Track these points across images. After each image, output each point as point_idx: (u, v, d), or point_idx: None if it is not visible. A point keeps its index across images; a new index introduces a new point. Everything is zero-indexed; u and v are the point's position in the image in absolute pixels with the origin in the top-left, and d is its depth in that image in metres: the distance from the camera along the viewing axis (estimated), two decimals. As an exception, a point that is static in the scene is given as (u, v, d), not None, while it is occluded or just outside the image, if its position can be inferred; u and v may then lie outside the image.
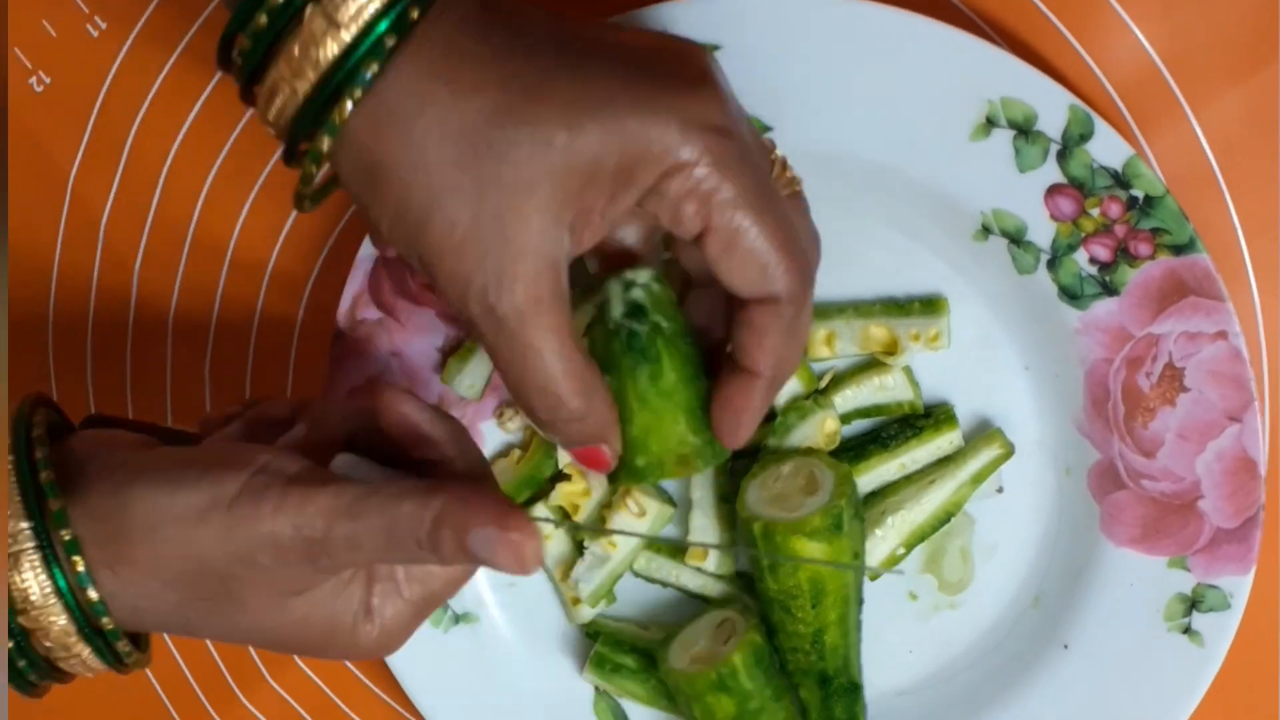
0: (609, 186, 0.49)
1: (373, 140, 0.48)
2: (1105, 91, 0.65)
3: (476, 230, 0.48)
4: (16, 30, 0.69)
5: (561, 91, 0.48)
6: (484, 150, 0.47)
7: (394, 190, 0.48)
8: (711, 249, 0.50)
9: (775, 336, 0.52)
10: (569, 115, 0.48)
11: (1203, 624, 0.63)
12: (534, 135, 0.47)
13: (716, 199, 0.49)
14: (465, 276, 0.48)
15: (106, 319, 0.71)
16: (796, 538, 0.61)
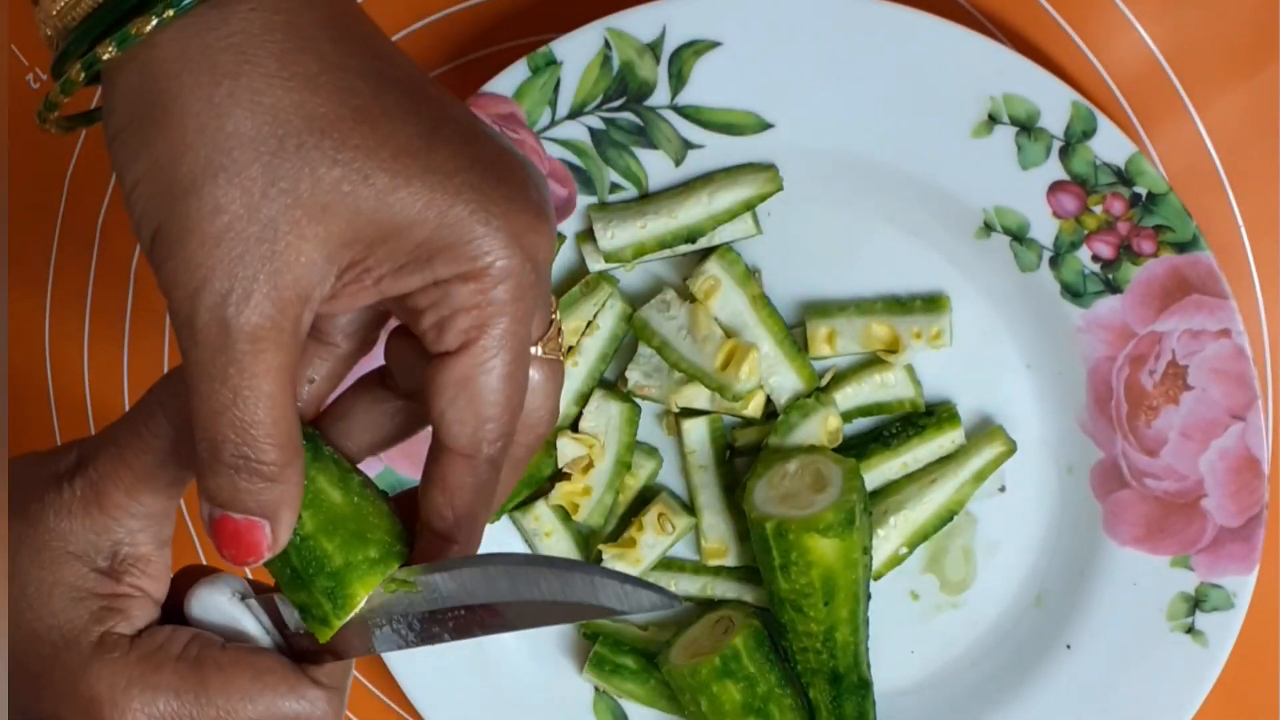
0: (403, 256, 0.43)
1: (169, 73, 0.41)
2: (1108, 88, 0.64)
3: (244, 227, 0.41)
4: (13, 28, 0.69)
5: (400, 138, 0.42)
6: (291, 149, 0.41)
7: (168, 140, 0.41)
8: (452, 373, 0.44)
9: (467, 499, 0.46)
10: (401, 162, 0.42)
11: (1206, 624, 0.63)
12: (353, 162, 0.42)
13: (489, 328, 0.44)
14: (207, 272, 0.41)
15: (104, 316, 0.71)
16: (810, 535, 0.61)
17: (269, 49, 0.42)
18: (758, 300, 0.64)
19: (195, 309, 0.42)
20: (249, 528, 0.44)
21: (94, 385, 0.71)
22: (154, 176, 0.42)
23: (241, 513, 0.44)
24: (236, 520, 0.44)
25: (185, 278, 0.42)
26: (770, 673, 0.63)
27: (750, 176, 0.64)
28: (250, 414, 0.42)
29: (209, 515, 0.44)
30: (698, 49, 0.62)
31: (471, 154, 0.44)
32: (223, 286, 0.41)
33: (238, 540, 0.44)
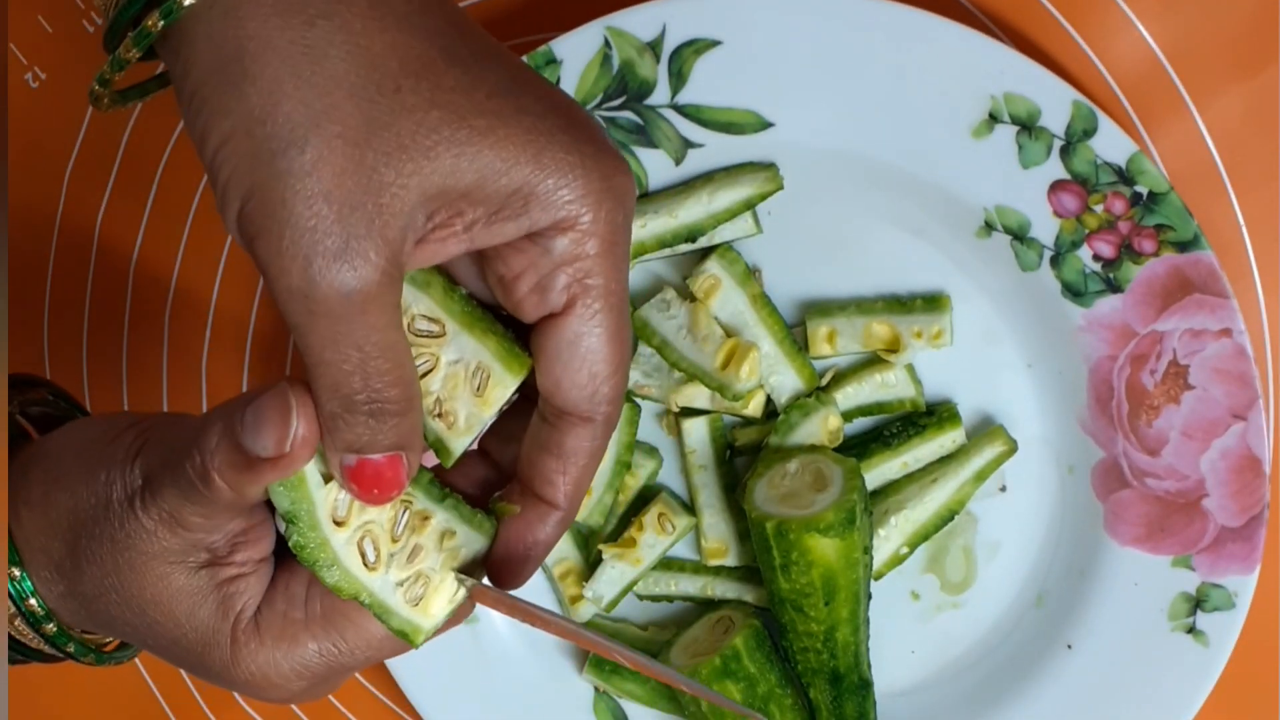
0: (497, 200, 0.42)
1: (256, 15, 0.39)
2: (1109, 87, 0.64)
3: (351, 180, 0.39)
4: (12, 26, 0.69)
5: (491, 80, 0.41)
6: (390, 92, 0.39)
7: (261, 89, 0.39)
8: (557, 336, 0.44)
9: (581, 464, 0.46)
10: (495, 104, 0.41)
11: (1207, 624, 0.63)
12: (450, 105, 0.40)
13: (591, 281, 0.43)
14: (318, 236, 0.39)
15: (103, 314, 0.70)
16: (810, 534, 0.61)
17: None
18: (758, 299, 0.64)
19: (310, 278, 0.40)
20: (390, 463, 0.43)
21: (93, 384, 0.71)
22: (246, 132, 0.39)
23: (379, 452, 0.43)
24: (376, 460, 0.43)
25: (291, 246, 0.39)
26: (770, 673, 0.63)
27: (750, 175, 0.63)
28: (378, 365, 0.41)
29: (344, 464, 0.43)
30: (698, 48, 0.62)
31: (550, 96, 0.43)
32: (335, 248, 0.39)
33: (379, 478, 0.44)
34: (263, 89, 0.39)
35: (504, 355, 0.45)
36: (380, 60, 0.39)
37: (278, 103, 0.39)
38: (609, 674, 0.66)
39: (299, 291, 0.40)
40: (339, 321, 0.40)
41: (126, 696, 0.72)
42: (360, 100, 0.39)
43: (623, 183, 0.43)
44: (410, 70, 0.40)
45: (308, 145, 0.39)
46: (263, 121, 0.39)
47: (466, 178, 0.41)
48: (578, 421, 0.45)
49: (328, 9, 0.39)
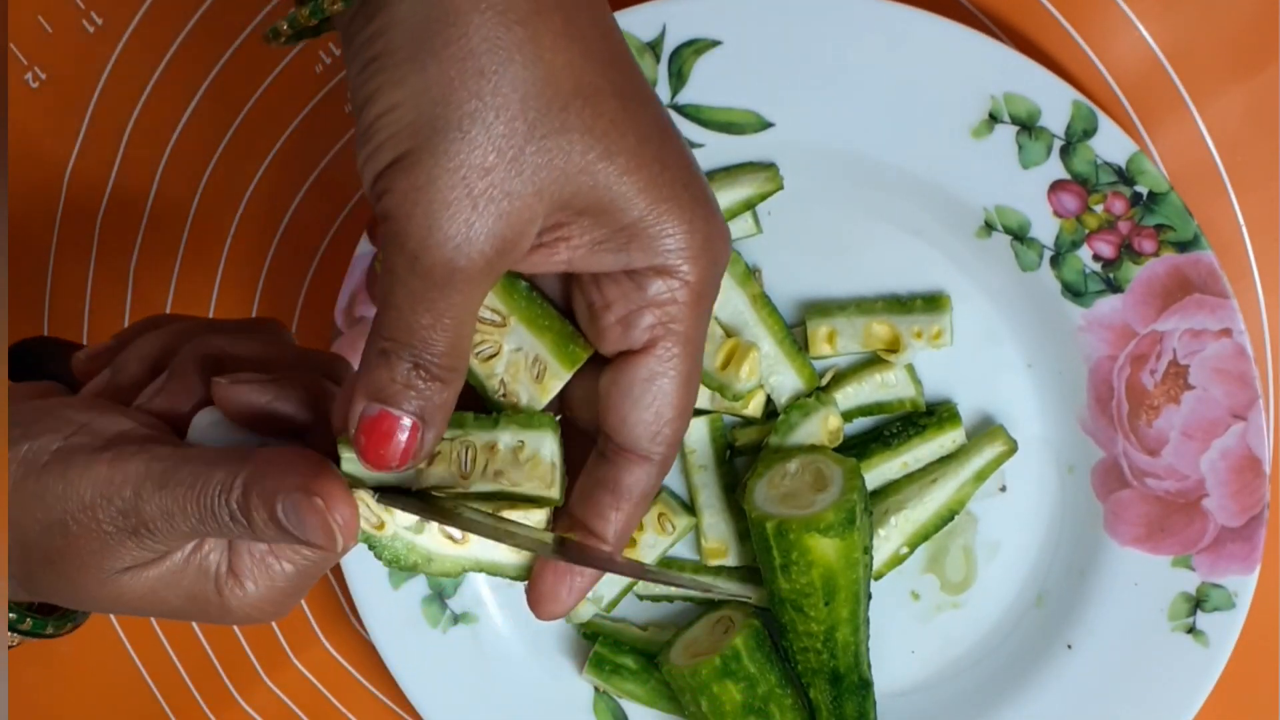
0: (605, 232, 0.44)
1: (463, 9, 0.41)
2: (1109, 87, 0.64)
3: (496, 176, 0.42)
4: (12, 26, 0.69)
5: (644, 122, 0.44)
6: (557, 109, 0.42)
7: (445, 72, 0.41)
8: (631, 373, 0.46)
9: (635, 502, 0.47)
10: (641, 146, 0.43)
11: (1207, 624, 0.63)
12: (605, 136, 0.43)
13: (675, 327, 0.46)
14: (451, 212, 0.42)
15: (103, 314, 0.70)
16: (810, 534, 0.61)
17: (554, 6, 0.42)
18: (758, 299, 0.64)
19: (425, 243, 0.42)
20: (408, 429, 0.44)
21: (93, 385, 0.71)
22: (415, 105, 0.41)
23: (402, 409, 0.44)
24: (393, 417, 0.44)
25: (423, 211, 0.42)
26: (770, 673, 0.63)
27: (750, 175, 0.63)
28: (441, 336, 0.43)
29: (363, 412, 0.44)
30: (698, 48, 0.62)
31: (683, 154, 0.45)
32: (458, 230, 0.42)
33: (388, 438, 0.44)
34: (446, 71, 0.41)
35: (559, 351, 0.48)
36: (558, 77, 0.42)
37: (455, 89, 0.41)
38: (609, 674, 0.66)
39: (411, 251, 0.42)
40: (431, 288, 0.42)
41: (125, 695, 0.72)
42: (529, 108, 0.42)
43: (722, 249, 0.46)
44: (580, 94, 0.42)
45: (469, 132, 0.41)
46: (435, 101, 0.41)
47: (588, 201, 0.43)
48: (636, 460, 0.47)
49: (526, 18, 0.41)
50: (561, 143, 0.42)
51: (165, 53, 0.68)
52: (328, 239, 0.69)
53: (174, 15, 0.68)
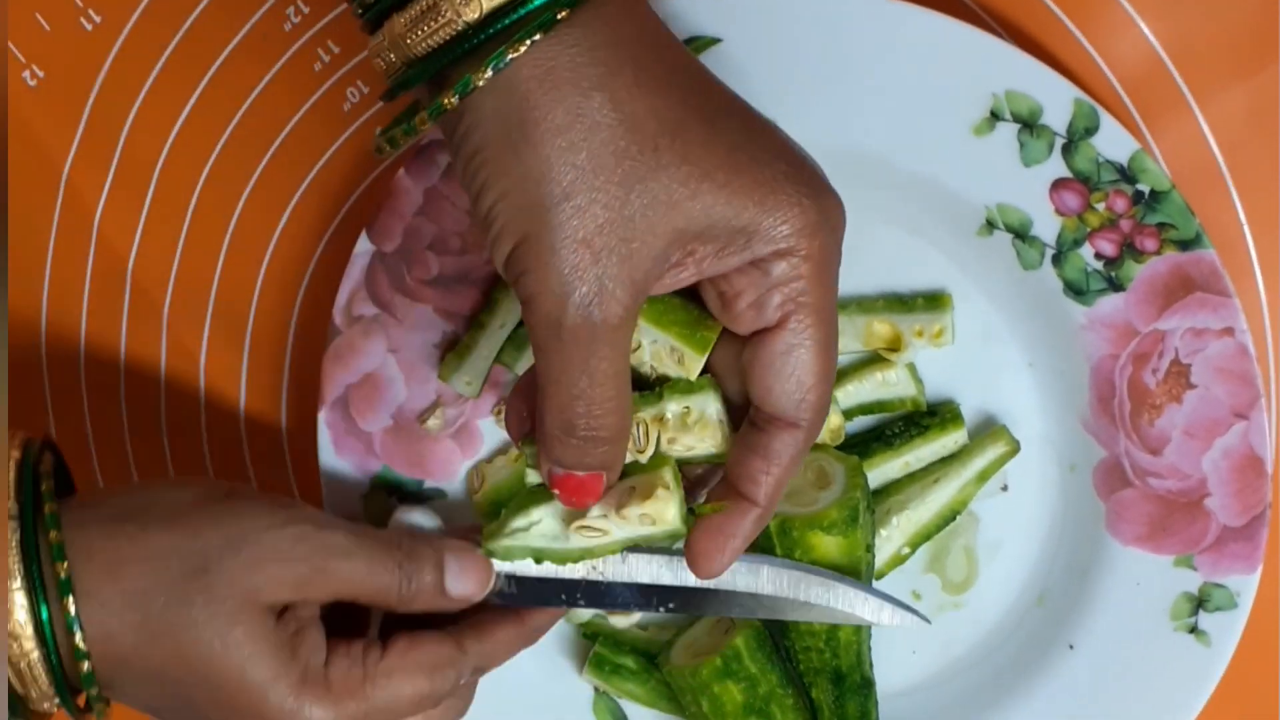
0: (725, 238, 0.47)
1: (540, 89, 0.44)
2: (1110, 85, 0.64)
3: (610, 231, 0.45)
4: (11, 25, 0.68)
5: (729, 134, 0.47)
6: (649, 152, 0.45)
7: (542, 151, 0.45)
8: (770, 348, 0.49)
9: (784, 465, 0.51)
10: (734, 157, 0.47)
11: (1209, 623, 0.63)
12: (699, 161, 0.46)
13: (803, 300, 0.49)
14: (578, 275, 0.45)
15: (101, 312, 0.70)
16: (813, 532, 0.61)
17: (625, 59, 0.45)
18: (759, 298, 0.64)
19: (564, 311, 0.46)
20: (592, 480, 0.50)
21: (90, 383, 0.71)
22: (521, 190, 0.45)
23: (585, 470, 0.50)
24: (580, 475, 0.50)
25: (555, 284, 0.45)
26: (771, 673, 0.63)
27: (751, 173, 0.63)
28: (601, 393, 0.48)
29: (553, 473, 0.50)
30: (697, 46, 0.62)
31: (777, 144, 0.48)
32: (590, 290, 0.45)
33: (581, 489, 0.51)
34: (540, 154, 0.45)
35: (687, 339, 0.52)
36: (641, 123, 0.45)
37: (552, 166, 0.45)
38: (609, 674, 0.66)
39: (552, 319, 0.46)
40: (579, 348, 0.46)
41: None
42: (623, 159, 0.45)
43: (836, 217, 0.49)
44: (666, 130, 0.46)
45: (575, 200, 0.45)
46: (538, 181, 0.45)
47: (703, 222, 0.46)
48: (784, 426, 0.50)
49: (600, 82, 0.45)
50: (662, 181, 0.45)
51: (164, 50, 0.68)
52: (327, 237, 0.69)
53: (172, 13, 0.68)
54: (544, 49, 0.44)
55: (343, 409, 0.65)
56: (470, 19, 0.44)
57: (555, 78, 0.44)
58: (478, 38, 0.45)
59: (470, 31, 0.45)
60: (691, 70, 0.48)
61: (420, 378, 0.66)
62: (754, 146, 0.47)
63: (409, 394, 0.66)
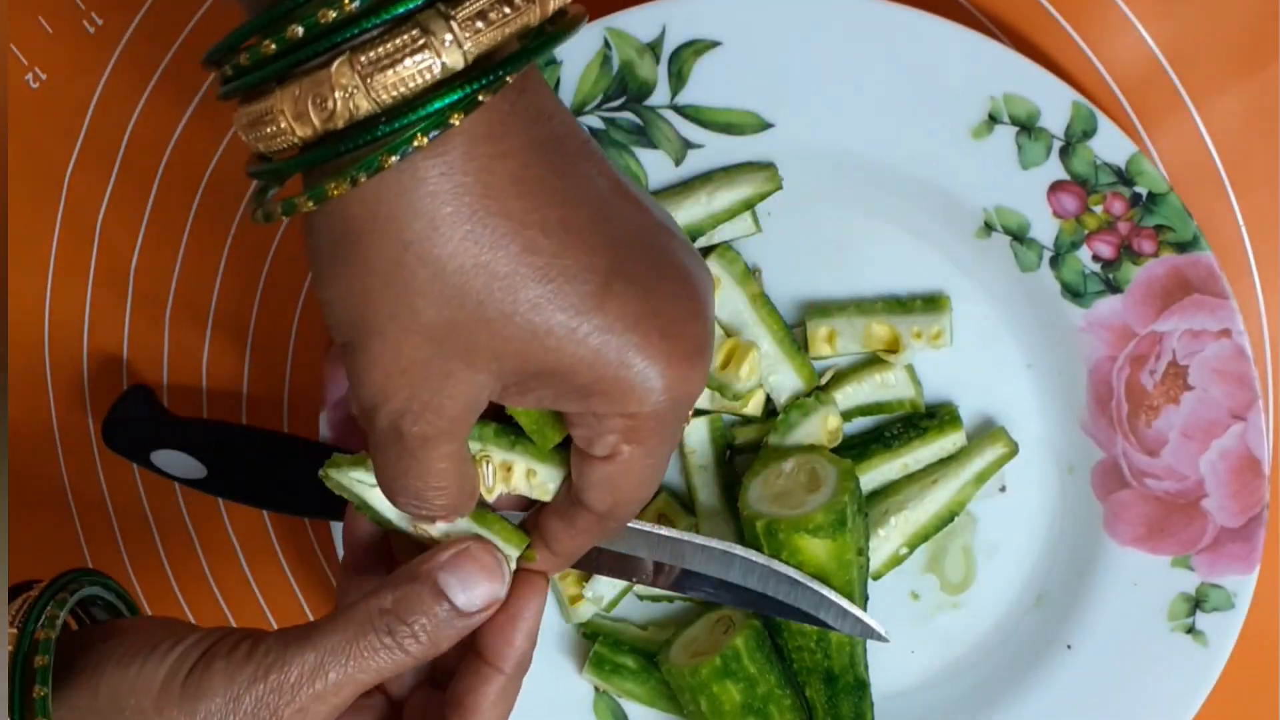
0: (562, 390, 0.47)
1: (362, 230, 0.43)
2: (1108, 88, 0.64)
3: (424, 368, 0.45)
4: (13, 27, 0.69)
5: (574, 298, 0.45)
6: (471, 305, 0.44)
7: (359, 283, 0.44)
8: (597, 472, 0.50)
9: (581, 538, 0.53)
10: (573, 323, 0.45)
11: (1207, 624, 0.63)
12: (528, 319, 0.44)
13: (636, 447, 0.48)
14: (386, 395, 0.45)
15: (103, 314, 0.70)
16: (799, 535, 0.61)
17: (458, 214, 0.43)
18: (757, 299, 0.64)
19: (375, 418, 0.46)
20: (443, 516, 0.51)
21: (93, 384, 0.71)
22: (344, 305, 0.45)
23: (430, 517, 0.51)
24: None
25: (368, 394, 0.46)
26: (770, 673, 0.63)
27: (749, 175, 0.64)
28: (423, 482, 0.48)
29: None
30: (697, 48, 0.62)
31: (639, 309, 0.46)
32: (399, 408, 0.45)
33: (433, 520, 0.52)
34: (357, 284, 0.44)
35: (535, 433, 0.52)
36: (467, 279, 0.44)
37: (366, 298, 0.44)
38: (609, 674, 0.66)
39: (366, 419, 0.46)
40: (391, 450, 0.47)
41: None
42: (442, 308, 0.44)
43: (686, 390, 0.48)
44: (496, 287, 0.44)
45: (386, 335, 0.44)
46: (355, 305, 0.44)
47: (534, 369, 0.46)
48: (595, 516, 0.51)
49: (424, 234, 0.43)
50: (484, 334, 0.44)
51: (166, 53, 0.68)
52: (328, 239, 0.69)
53: (174, 16, 0.68)
54: (377, 187, 0.43)
55: (343, 410, 0.66)
56: (305, 135, 0.43)
57: (380, 221, 0.43)
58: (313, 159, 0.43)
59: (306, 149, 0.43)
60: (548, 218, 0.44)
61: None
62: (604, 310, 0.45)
63: (410, 395, 0.66)
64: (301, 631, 0.48)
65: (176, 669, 0.48)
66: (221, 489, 0.68)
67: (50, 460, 0.72)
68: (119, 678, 0.48)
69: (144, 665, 0.48)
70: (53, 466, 0.72)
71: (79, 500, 0.72)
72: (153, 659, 0.48)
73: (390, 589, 0.50)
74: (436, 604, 0.50)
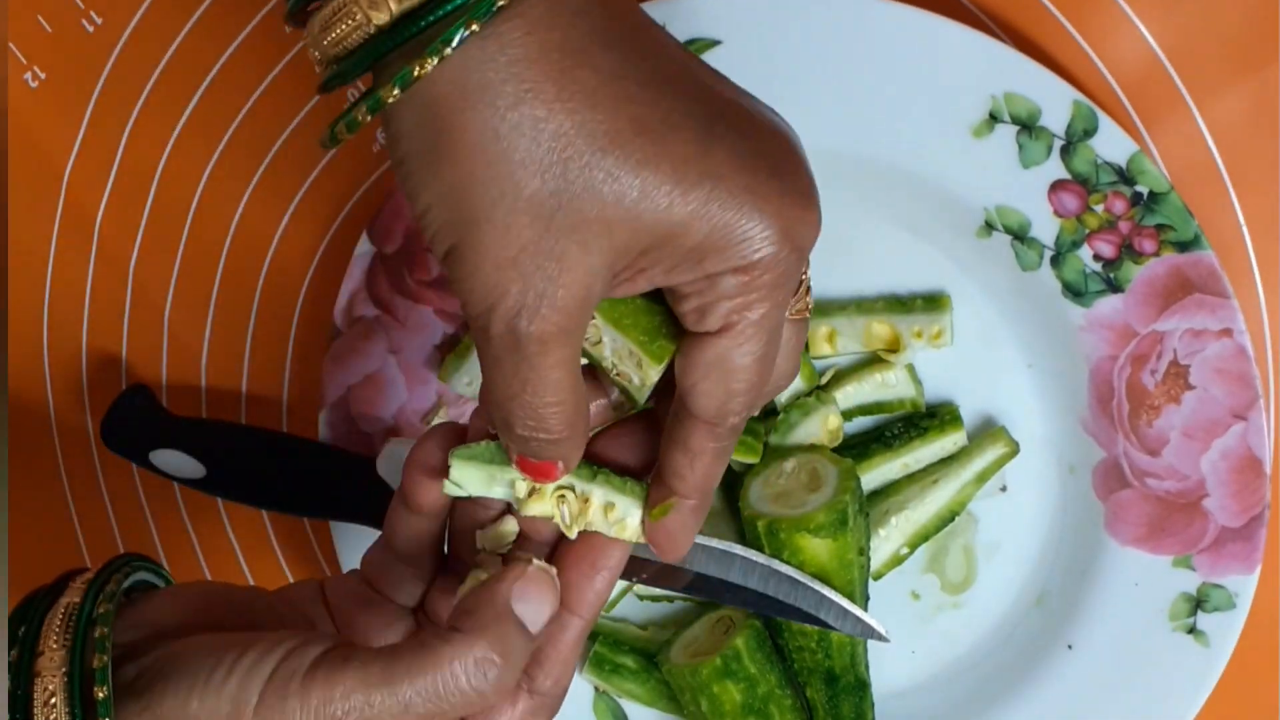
0: (676, 257, 0.45)
1: (455, 107, 0.42)
2: (1109, 87, 0.64)
3: (535, 250, 0.43)
4: (12, 26, 0.69)
5: (677, 148, 0.43)
6: (576, 170, 0.42)
7: (460, 170, 0.43)
8: (704, 351, 0.47)
9: (708, 460, 0.49)
10: (680, 172, 0.43)
11: (1208, 624, 0.63)
12: (635, 176, 0.43)
13: (749, 313, 0.46)
14: (501, 290, 0.44)
15: (102, 315, 0.70)
16: (800, 534, 0.61)
17: (548, 72, 0.42)
18: (758, 299, 0.64)
19: (490, 321, 0.44)
20: (545, 465, 0.48)
21: (92, 384, 0.71)
22: (445, 203, 0.43)
23: (536, 459, 0.48)
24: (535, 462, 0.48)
25: (481, 295, 0.44)
26: (771, 673, 0.63)
27: (750, 175, 0.63)
28: (539, 398, 0.46)
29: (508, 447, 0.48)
30: (698, 48, 0.62)
31: (745, 149, 0.44)
32: (515, 303, 0.43)
33: (536, 470, 0.48)
34: (458, 171, 0.42)
35: (645, 348, 0.49)
36: (567, 140, 0.42)
37: (469, 185, 0.42)
38: (609, 674, 0.66)
39: (480, 329, 0.45)
40: (508, 357, 0.45)
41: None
42: (546, 177, 0.42)
43: (801, 232, 0.46)
44: (597, 146, 0.42)
45: (494, 219, 0.43)
46: (458, 199, 0.43)
47: (646, 240, 0.44)
48: (704, 424, 0.48)
49: (517, 98, 0.42)
50: (591, 200, 0.43)
51: (165, 52, 0.68)
52: (327, 238, 0.69)
53: (174, 14, 0.68)
54: (462, 60, 0.42)
55: (343, 410, 0.65)
56: (380, 22, 0.42)
57: (471, 95, 0.42)
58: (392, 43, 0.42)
59: (382, 36, 0.43)
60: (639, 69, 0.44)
61: (420, 379, 0.66)
62: (708, 157, 0.44)
63: (409, 395, 0.66)
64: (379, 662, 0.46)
65: (243, 699, 0.45)
66: (221, 489, 0.68)
67: (50, 460, 0.72)
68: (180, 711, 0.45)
69: (204, 697, 0.45)
70: (52, 466, 0.72)
71: (78, 500, 0.72)
72: (212, 687, 0.45)
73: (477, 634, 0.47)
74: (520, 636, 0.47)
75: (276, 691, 0.45)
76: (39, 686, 0.46)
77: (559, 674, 0.51)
